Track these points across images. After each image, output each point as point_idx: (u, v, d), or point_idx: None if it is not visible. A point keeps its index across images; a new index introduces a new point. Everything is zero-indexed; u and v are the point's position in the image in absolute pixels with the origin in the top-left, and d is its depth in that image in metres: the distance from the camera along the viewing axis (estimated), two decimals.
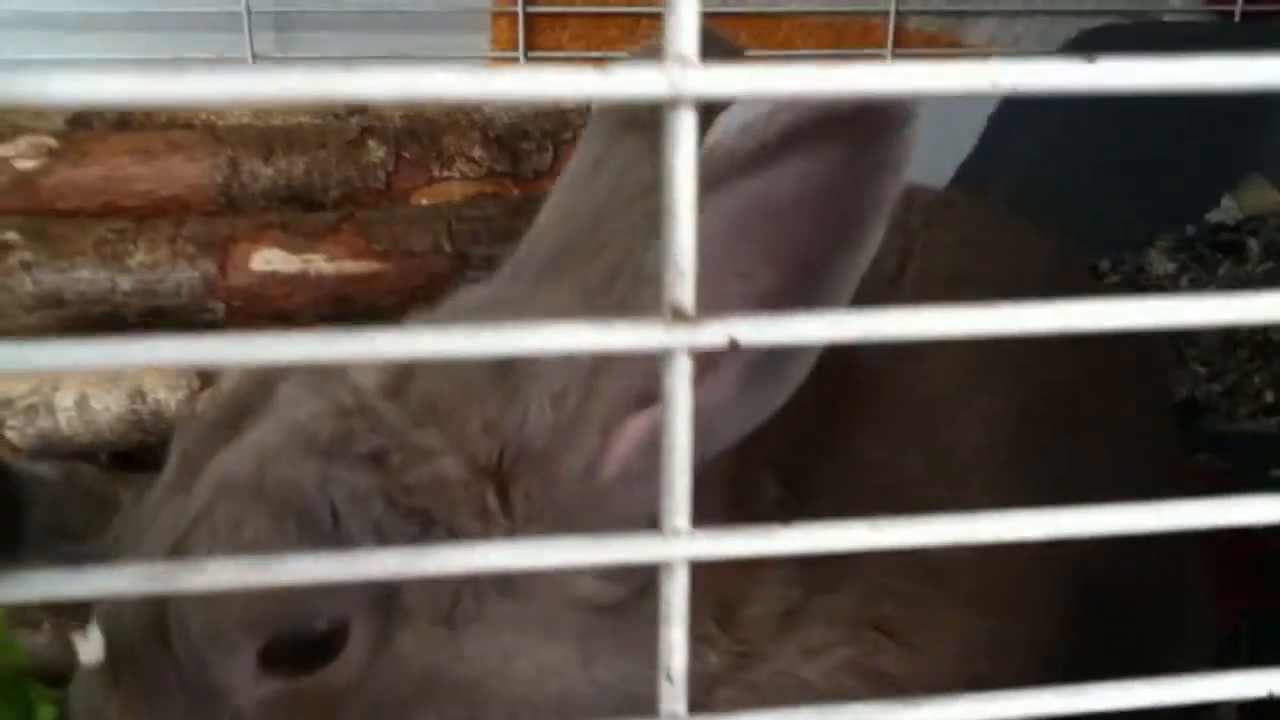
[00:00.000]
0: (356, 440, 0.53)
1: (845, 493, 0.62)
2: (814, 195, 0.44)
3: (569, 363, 0.52)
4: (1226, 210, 1.85)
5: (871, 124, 0.42)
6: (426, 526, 0.52)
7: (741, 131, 0.42)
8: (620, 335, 0.34)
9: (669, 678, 0.38)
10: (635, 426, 0.53)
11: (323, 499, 0.51)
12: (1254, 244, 1.81)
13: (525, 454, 0.54)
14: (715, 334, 0.33)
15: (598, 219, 0.64)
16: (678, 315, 0.34)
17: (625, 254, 0.50)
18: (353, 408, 0.54)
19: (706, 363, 0.46)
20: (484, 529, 0.54)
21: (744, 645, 0.59)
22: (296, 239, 1.01)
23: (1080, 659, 0.68)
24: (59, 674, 0.67)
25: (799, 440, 0.60)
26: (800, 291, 0.47)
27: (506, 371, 0.54)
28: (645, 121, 0.66)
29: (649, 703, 0.55)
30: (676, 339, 0.33)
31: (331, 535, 0.51)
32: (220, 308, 1.00)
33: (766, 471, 0.60)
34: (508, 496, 0.54)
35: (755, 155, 0.43)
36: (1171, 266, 1.82)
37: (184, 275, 1.00)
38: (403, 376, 0.55)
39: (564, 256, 0.62)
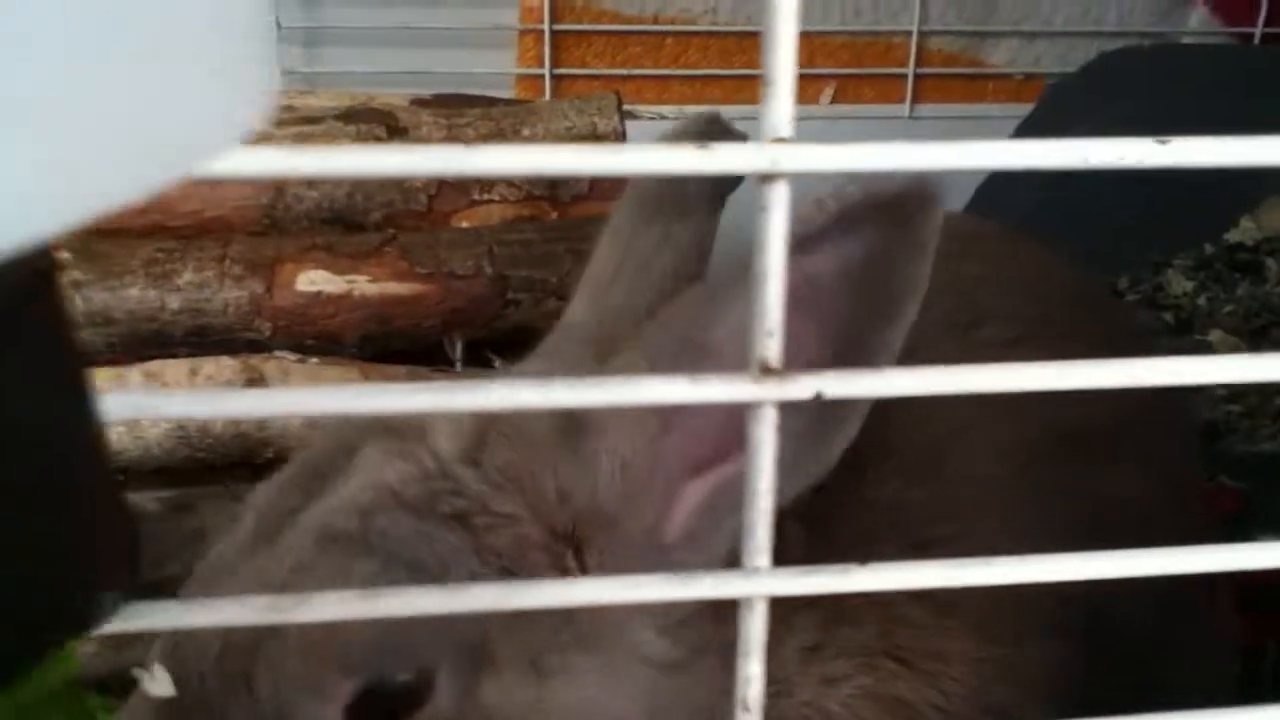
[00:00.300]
0: (441, 502, 0.56)
1: (859, 532, 0.65)
2: (853, 275, 0.48)
3: (635, 431, 0.55)
4: (1245, 230, 1.87)
5: (902, 209, 0.46)
6: None
7: (793, 220, 0.46)
8: (713, 389, 0.36)
9: (746, 707, 0.41)
10: (694, 490, 0.56)
11: (430, 552, 0.54)
12: (1272, 264, 1.83)
13: (596, 519, 0.56)
14: (802, 388, 0.36)
15: (630, 306, 0.68)
16: (766, 370, 0.36)
17: (688, 328, 0.53)
18: (435, 472, 0.57)
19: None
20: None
21: (778, 684, 0.61)
22: (341, 260, 1.03)
23: (1095, 686, 0.70)
24: (105, 682, 0.68)
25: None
26: (848, 363, 0.50)
27: (576, 441, 0.57)
28: (665, 212, 0.70)
29: None
30: (766, 392, 0.36)
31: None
32: (267, 327, 1.03)
33: (791, 513, 0.62)
34: (583, 559, 0.56)
35: (803, 240, 0.47)
36: (1189, 285, 1.84)
37: (231, 295, 1.02)
38: (478, 444, 0.58)
39: (605, 341, 0.65)
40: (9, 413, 0.24)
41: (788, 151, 0.33)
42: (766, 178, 0.33)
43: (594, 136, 1.13)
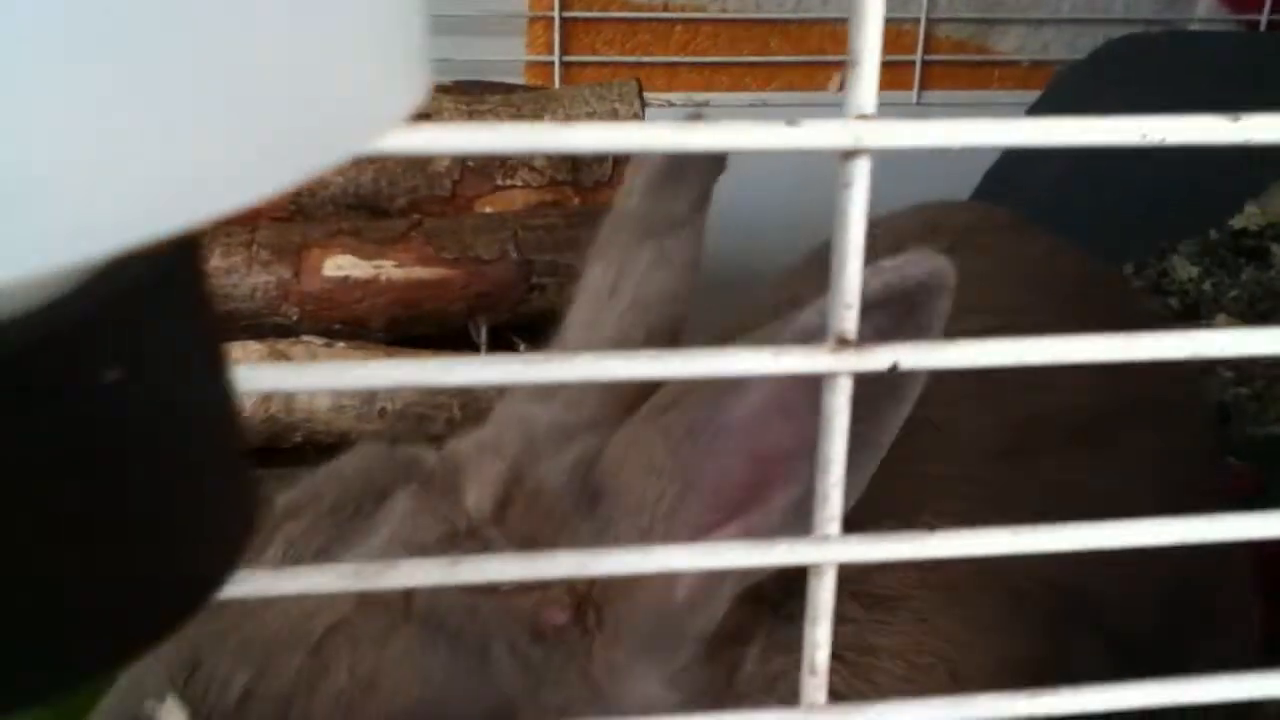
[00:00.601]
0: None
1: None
2: None
3: (652, 499, 0.57)
4: (1250, 216, 1.88)
5: (913, 298, 0.48)
6: (548, 649, 0.57)
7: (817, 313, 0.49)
8: (791, 360, 0.37)
9: (813, 671, 0.42)
10: None
11: (471, 620, 0.55)
12: (1277, 249, 1.84)
13: (614, 583, 0.58)
14: (879, 359, 0.37)
15: (628, 331, 0.69)
16: (843, 342, 0.37)
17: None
18: (464, 532, 0.58)
19: None
20: (587, 646, 0.58)
21: (738, 689, 0.63)
22: (367, 246, 1.04)
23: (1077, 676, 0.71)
24: None
25: None
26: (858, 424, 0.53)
27: (593, 506, 0.58)
28: (656, 230, 0.70)
29: None
30: (843, 363, 0.37)
31: (478, 656, 0.55)
32: (294, 312, 1.04)
33: None
34: (601, 620, 0.58)
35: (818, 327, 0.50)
36: (1194, 271, 1.85)
37: (259, 280, 1.03)
38: (504, 505, 0.59)
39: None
40: (151, 387, 0.25)
41: (871, 128, 0.34)
42: (850, 154, 0.35)
43: (615, 122, 1.13)
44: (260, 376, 0.34)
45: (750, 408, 0.55)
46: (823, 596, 0.41)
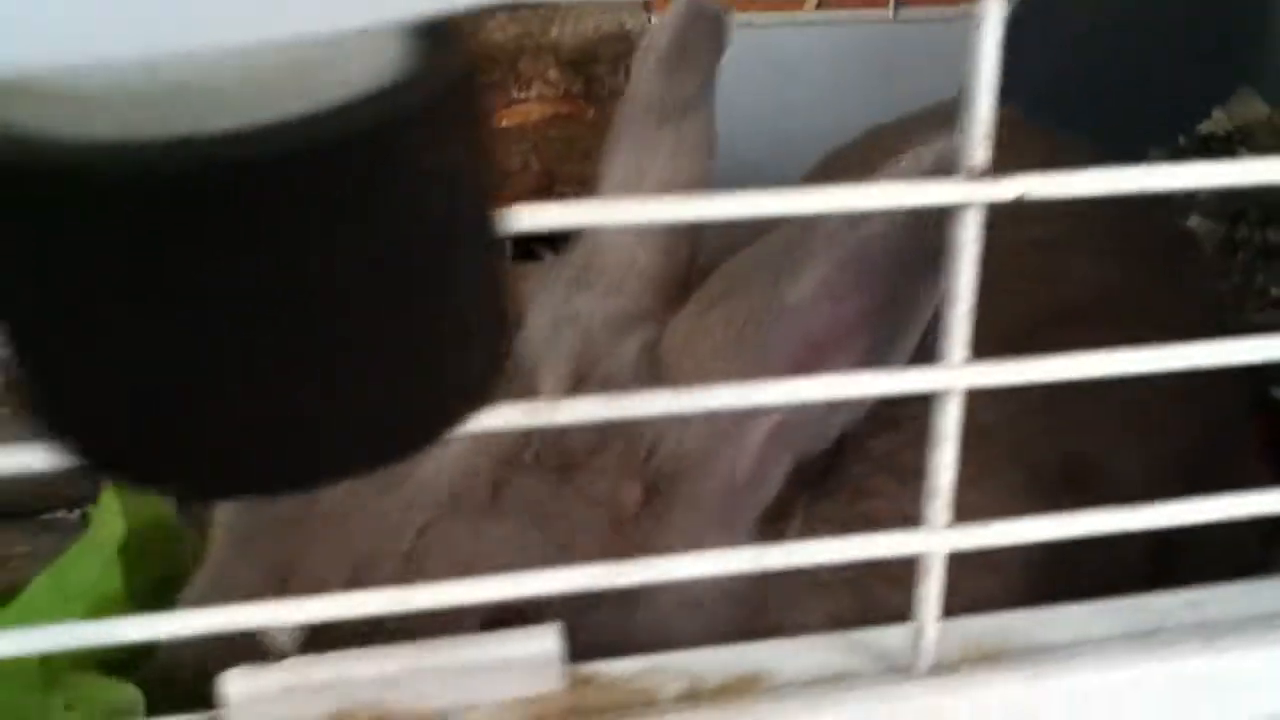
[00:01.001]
0: (549, 456, 0.58)
1: (852, 478, 0.69)
2: (897, 236, 0.55)
3: (719, 378, 0.59)
4: (1217, 121, 1.93)
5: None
6: (627, 534, 0.58)
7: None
8: (924, 191, 0.40)
9: (935, 494, 0.45)
10: (756, 432, 0.60)
11: (559, 511, 0.57)
12: (1244, 152, 1.90)
13: (681, 464, 0.60)
14: (1007, 189, 0.40)
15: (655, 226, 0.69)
16: (973, 174, 0.40)
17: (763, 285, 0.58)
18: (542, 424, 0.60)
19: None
20: (663, 529, 0.60)
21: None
22: None
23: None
24: None
25: None
26: (893, 318, 0.57)
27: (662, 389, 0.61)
28: (671, 115, 0.70)
29: None
30: (974, 193, 0.40)
31: (567, 546, 0.57)
32: None
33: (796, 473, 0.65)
34: (674, 501, 0.60)
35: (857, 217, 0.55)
36: None
37: None
38: (576, 394, 0.60)
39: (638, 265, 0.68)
40: (465, 188, 0.26)
41: None
42: None
43: (623, 35, 1.15)
44: None
45: (805, 291, 0.57)
46: (948, 421, 0.44)
